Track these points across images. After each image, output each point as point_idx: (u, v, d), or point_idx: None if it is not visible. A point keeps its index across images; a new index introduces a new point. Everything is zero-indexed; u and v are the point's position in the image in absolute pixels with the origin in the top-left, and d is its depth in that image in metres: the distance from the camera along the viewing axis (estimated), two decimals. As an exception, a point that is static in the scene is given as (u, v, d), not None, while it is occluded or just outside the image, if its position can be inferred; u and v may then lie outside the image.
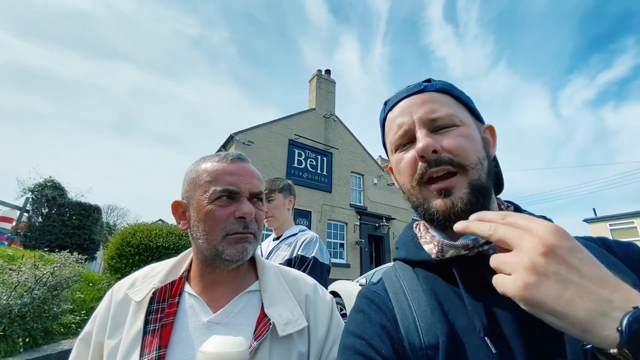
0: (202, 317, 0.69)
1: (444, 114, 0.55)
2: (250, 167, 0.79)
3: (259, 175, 0.80)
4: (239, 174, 0.75)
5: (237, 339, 0.53)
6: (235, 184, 0.73)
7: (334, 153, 15.58)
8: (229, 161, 0.77)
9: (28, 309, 3.43)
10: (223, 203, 0.72)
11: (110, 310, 0.73)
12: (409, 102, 0.58)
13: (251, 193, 0.75)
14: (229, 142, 13.09)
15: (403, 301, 0.54)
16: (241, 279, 0.78)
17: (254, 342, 0.64)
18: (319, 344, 0.71)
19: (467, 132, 0.55)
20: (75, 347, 0.74)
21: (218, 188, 0.72)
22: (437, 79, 0.61)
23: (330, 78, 17.14)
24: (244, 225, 0.72)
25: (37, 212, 8.38)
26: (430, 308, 0.50)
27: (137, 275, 0.80)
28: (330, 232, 14.28)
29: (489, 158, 0.57)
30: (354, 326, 0.55)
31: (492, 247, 0.52)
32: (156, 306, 0.70)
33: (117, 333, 0.70)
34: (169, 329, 0.67)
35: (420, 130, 0.55)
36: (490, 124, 0.63)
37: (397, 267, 0.62)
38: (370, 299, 0.58)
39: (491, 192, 0.56)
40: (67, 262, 4.13)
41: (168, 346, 0.64)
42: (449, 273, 0.53)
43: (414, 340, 0.48)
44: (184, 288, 0.75)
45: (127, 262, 5.58)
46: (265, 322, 0.67)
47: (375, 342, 0.50)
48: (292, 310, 0.71)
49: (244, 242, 0.72)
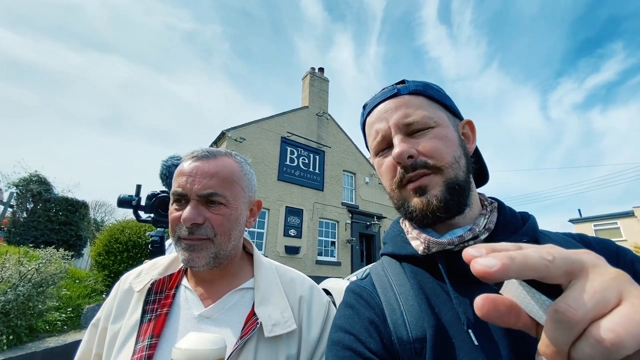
0: (194, 311, 0.70)
1: (418, 117, 0.56)
2: (206, 166, 0.71)
3: (219, 173, 0.71)
4: (189, 174, 0.70)
5: (214, 337, 0.53)
6: (182, 186, 0.70)
7: (326, 151, 15.58)
8: (188, 160, 0.73)
9: (12, 305, 3.35)
10: (177, 207, 0.71)
11: (116, 298, 0.77)
12: (385, 107, 0.59)
13: (199, 195, 0.69)
14: (220, 138, 12.97)
15: (391, 296, 0.55)
16: (236, 275, 0.78)
17: (238, 341, 0.64)
18: (310, 347, 0.70)
19: (442, 133, 0.56)
20: (88, 331, 0.79)
21: (172, 190, 0.72)
22: (412, 80, 0.61)
23: (324, 76, 17.13)
24: (189, 230, 0.68)
25: (21, 207, 8.18)
26: (417, 302, 0.51)
27: (144, 266, 0.83)
28: (322, 230, 14.31)
29: (466, 155, 0.58)
30: (343, 321, 0.55)
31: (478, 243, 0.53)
32: (154, 297, 0.72)
33: (120, 320, 0.73)
34: (163, 319, 0.69)
35: (396, 136, 0.56)
36: (469, 119, 0.64)
37: (385, 262, 0.63)
38: (359, 294, 0.59)
39: (469, 189, 0.57)
40: (52, 258, 4.06)
41: (160, 336, 0.66)
42: (435, 267, 0.54)
43: (401, 334, 0.49)
44: (182, 281, 0.77)
45: (115, 258, 5.50)
46: (253, 321, 0.67)
47: (363, 337, 0.51)
48: (282, 312, 0.70)
49: (190, 250, 0.69)
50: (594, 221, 21.30)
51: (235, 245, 0.75)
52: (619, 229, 20.00)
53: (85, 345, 0.77)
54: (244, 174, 0.78)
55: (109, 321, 0.75)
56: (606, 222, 20.84)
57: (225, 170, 0.73)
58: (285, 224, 12.99)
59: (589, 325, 0.20)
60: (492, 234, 0.54)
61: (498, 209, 0.59)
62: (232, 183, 0.73)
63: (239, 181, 0.75)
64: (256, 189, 0.84)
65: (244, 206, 0.76)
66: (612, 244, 0.54)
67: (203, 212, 0.69)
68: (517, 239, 0.52)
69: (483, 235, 0.53)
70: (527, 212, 0.60)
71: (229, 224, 0.71)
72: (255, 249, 0.85)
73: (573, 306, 0.20)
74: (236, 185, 0.74)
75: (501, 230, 0.54)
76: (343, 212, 15.09)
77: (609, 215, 20.82)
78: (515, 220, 0.57)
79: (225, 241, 0.71)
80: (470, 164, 0.59)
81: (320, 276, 12.05)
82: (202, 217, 0.69)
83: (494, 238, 0.53)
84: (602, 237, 0.56)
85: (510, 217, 0.57)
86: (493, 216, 0.57)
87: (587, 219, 21.76)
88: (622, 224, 19.97)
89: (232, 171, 0.74)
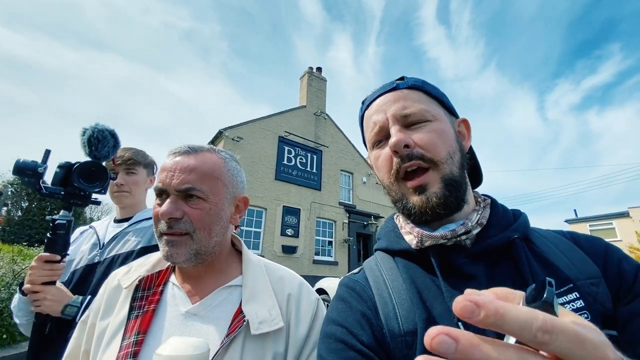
0: (181, 308, 0.71)
1: (415, 110, 0.57)
2: (186, 161, 0.71)
3: (199, 169, 0.71)
4: (170, 169, 0.71)
5: (196, 341, 0.52)
6: (163, 181, 0.70)
7: (324, 151, 15.57)
8: (170, 156, 0.74)
9: (5, 304, 3.34)
10: (158, 201, 0.72)
11: (105, 295, 0.78)
12: (384, 100, 0.60)
13: (177, 190, 0.69)
14: (217, 137, 12.92)
15: (383, 290, 0.56)
16: (224, 272, 0.78)
17: (225, 338, 0.64)
18: (298, 344, 0.70)
19: (439, 127, 0.57)
20: (77, 327, 0.80)
21: (154, 185, 0.73)
22: (411, 76, 0.62)
23: (321, 76, 17.10)
24: (168, 225, 0.68)
25: (16, 205, 8.13)
26: (409, 296, 0.52)
27: (134, 263, 0.83)
28: (319, 229, 14.29)
29: (462, 152, 0.59)
30: (335, 314, 0.56)
31: (470, 238, 0.55)
32: (141, 293, 0.72)
33: (108, 316, 0.74)
34: (150, 315, 0.69)
35: (394, 126, 0.57)
36: (464, 118, 0.65)
37: (378, 257, 0.64)
38: (352, 287, 0.60)
39: (465, 185, 0.58)
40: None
41: (147, 332, 0.67)
42: (428, 262, 0.55)
43: (393, 327, 0.50)
44: (170, 278, 0.77)
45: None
46: (240, 318, 0.67)
47: (355, 330, 0.52)
48: (270, 309, 0.70)
49: (169, 246, 0.69)
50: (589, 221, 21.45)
51: (219, 241, 0.75)
52: (614, 229, 20.15)
53: (75, 341, 0.78)
54: (228, 170, 0.77)
55: (97, 318, 0.75)
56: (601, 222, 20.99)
57: (206, 166, 0.73)
58: (282, 224, 12.96)
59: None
60: (484, 229, 0.55)
61: (491, 206, 0.60)
62: (213, 178, 0.73)
63: (221, 176, 0.75)
64: (244, 185, 0.84)
65: (226, 202, 0.76)
66: (601, 241, 0.55)
67: (181, 206, 0.70)
68: (508, 234, 0.53)
69: (475, 230, 0.54)
70: (519, 209, 0.61)
71: (208, 219, 0.71)
72: (244, 247, 0.85)
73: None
74: (217, 181, 0.74)
75: (493, 226, 0.55)
76: (340, 211, 15.09)
77: (604, 216, 20.97)
78: (507, 216, 0.58)
79: (205, 237, 0.71)
80: (465, 160, 0.60)
81: (317, 276, 12.05)
82: (180, 211, 0.69)
83: (485, 233, 0.55)
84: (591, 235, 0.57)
85: (502, 214, 0.58)
86: (486, 212, 0.58)
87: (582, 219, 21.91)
88: (618, 224, 20.12)
89: (212, 166, 0.74)
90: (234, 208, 0.80)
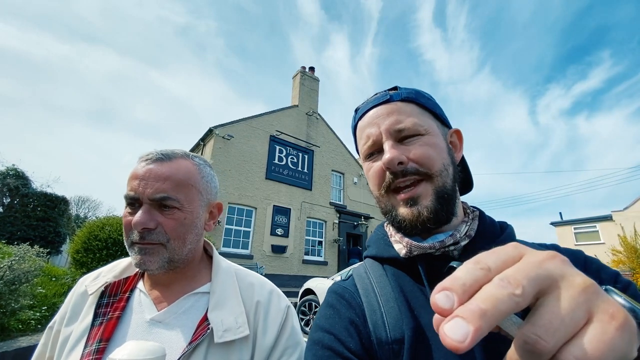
0: (147, 314, 0.69)
1: (409, 124, 0.57)
2: (159, 168, 0.69)
3: (173, 177, 0.70)
4: (142, 177, 0.68)
5: (152, 346, 0.51)
6: (134, 190, 0.68)
7: (315, 151, 15.58)
8: (142, 162, 0.71)
9: (-18, 303, 3.24)
10: (130, 210, 0.69)
11: (71, 301, 0.76)
12: (377, 113, 0.60)
13: (151, 199, 0.67)
14: (207, 135, 12.80)
15: (372, 297, 0.56)
16: (192, 279, 0.76)
17: (187, 346, 0.63)
18: (264, 352, 0.69)
19: (432, 141, 0.57)
20: (44, 334, 0.77)
21: (125, 194, 0.70)
22: (404, 87, 0.62)
23: (314, 75, 17.11)
24: (141, 235, 0.67)
25: (-3, 202, 7.91)
26: (397, 304, 0.53)
27: (103, 269, 0.81)
28: (309, 229, 14.31)
29: (454, 164, 0.59)
30: (323, 321, 0.56)
31: (458, 249, 0.55)
32: (106, 300, 0.71)
33: (72, 323, 0.72)
34: (114, 323, 0.68)
35: (387, 141, 0.57)
36: (457, 128, 0.65)
37: (367, 265, 0.64)
38: (340, 294, 0.60)
39: (456, 197, 0.58)
40: (26, 255, 3.93)
41: (110, 340, 0.65)
42: (416, 271, 0.56)
43: (380, 335, 0.50)
44: (137, 284, 0.75)
45: (94, 256, 5.36)
46: (204, 326, 0.66)
47: (343, 337, 0.52)
48: (237, 317, 0.69)
49: (142, 254, 0.67)
50: (574, 224, 21.89)
51: (192, 248, 0.74)
52: (597, 232, 20.62)
53: (41, 348, 0.76)
54: (202, 177, 0.76)
55: (62, 324, 0.73)
56: (586, 225, 21.44)
57: (180, 173, 0.71)
58: (272, 223, 12.93)
59: (558, 351, 0.20)
60: (472, 241, 0.56)
61: (479, 218, 0.60)
62: (187, 186, 0.71)
63: (196, 184, 0.73)
64: (217, 191, 0.83)
65: (201, 209, 0.75)
66: (581, 253, 0.56)
67: (156, 216, 0.68)
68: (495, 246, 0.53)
69: (464, 242, 0.55)
70: (505, 221, 0.62)
71: (182, 229, 0.70)
72: (215, 252, 0.83)
73: (543, 337, 0.19)
74: (192, 188, 0.72)
75: (481, 238, 0.56)
76: (331, 211, 15.12)
77: (588, 219, 21.43)
78: (494, 228, 0.59)
79: (179, 245, 0.70)
80: (457, 172, 0.60)
81: (306, 275, 12.05)
82: (155, 221, 0.67)
83: (473, 245, 0.55)
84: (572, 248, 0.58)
85: (490, 226, 0.59)
86: (474, 224, 0.58)
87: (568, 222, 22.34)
88: (601, 227, 20.58)
89: (187, 174, 0.72)
90: (208, 215, 0.79)
